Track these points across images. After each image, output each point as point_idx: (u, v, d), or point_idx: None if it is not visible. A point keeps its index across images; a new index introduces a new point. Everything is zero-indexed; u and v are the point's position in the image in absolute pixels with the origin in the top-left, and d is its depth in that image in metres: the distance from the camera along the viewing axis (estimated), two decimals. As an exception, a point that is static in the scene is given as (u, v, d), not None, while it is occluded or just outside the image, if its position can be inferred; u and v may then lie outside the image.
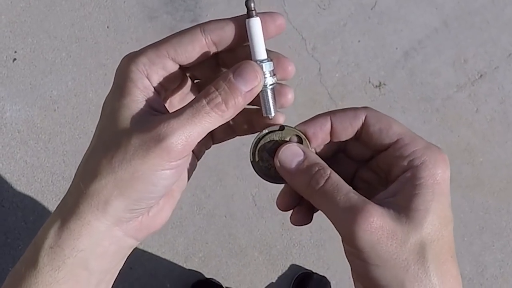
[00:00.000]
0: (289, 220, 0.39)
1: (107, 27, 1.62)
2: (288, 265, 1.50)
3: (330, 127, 0.37)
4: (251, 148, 0.38)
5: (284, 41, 1.60)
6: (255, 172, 0.39)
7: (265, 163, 0.38)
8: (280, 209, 0.39)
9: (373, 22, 1.63)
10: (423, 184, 0.33)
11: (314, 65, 1.59)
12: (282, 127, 0.37)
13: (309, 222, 0.39)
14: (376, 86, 1.59)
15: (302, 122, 0.37)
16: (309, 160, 0.36)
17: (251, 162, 0.38)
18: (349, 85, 1.59)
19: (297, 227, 1.50)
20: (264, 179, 0.39)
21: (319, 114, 0.37)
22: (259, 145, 0.38)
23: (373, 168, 0.38)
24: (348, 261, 0.36)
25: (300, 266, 1.50)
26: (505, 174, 1.55)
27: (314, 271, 1.49)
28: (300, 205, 0.39)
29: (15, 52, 1.60)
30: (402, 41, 1.62)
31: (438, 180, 0.33)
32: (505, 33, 1.63)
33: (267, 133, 0.37)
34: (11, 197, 1.51)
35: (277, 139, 0.37)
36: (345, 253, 0.36)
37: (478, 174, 1.55)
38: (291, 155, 0.36)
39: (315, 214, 0.39)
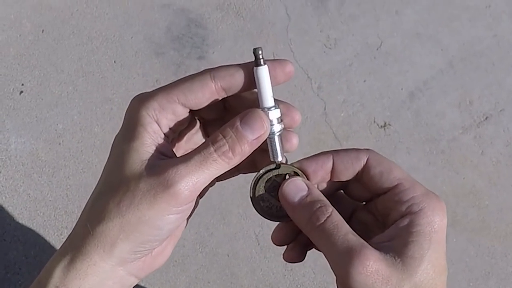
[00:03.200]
0: (282, 257, 0.39)
1: (114, 62, 1.63)
2: (291, 307, 1.48)
3: (331, 166, 0.37)
4: (250, 188, 0.38)
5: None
6: (257, 213, 0.39)
7: (266, 202, 0.39)
8: (274, 243, 0.40)
9: (379, 62, 1.64)
10: (420, 231, 0.33)
11: (320, 104, 1.60)
12: (278, 165, 0.38)
13: (302, 260, 0.39)
14: (381, 127, 1.59)
15: (304, 158, 0.38)
16: (312, 196, 0.36)
17: (252, 202, 0.39)
18: (354, 125, 1.59)
19: (300, 268, 1.49)
20: (267, 218, 0.39)
21: (322, 152, 0.38)
22: (258, 184, 0.38)
23: (372, 210, 0.39)
24: None
25: (303, 308, 1.48)
26: (511, 218, 1.53)
27: (317, 313, 1.47)
28: (294, 241, 0.39)
29: (22, 84, 1.62)
30: (407, 81, 1.63)
31: (435, 228, 0.34)
32: (511, 75, 1.64)
33: (264, 173, 0.38)
34: (13, 231, 1.50)
35: (274, 177, 0.38)
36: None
37: (483, 218, 1.53)
38: (295, 189, 0.36)
39: (318, 256, 0.39)
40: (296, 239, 0.40)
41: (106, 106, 1.59)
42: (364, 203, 0.40)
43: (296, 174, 0.37)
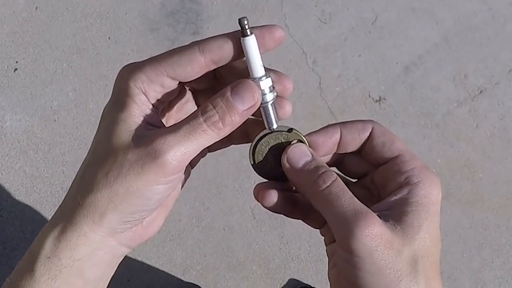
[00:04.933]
0: (255, 196, 0.38)
1: (109, 38, 1.62)
2: (287, 279, 1.49)
3: (339, 137, 0.38)
4: (253, 141, 0.38)
5: (284, 54, 1.60)
6: (250, 165, 0.39)
7: (264, 158, 0.39)
8: (255, 196, 0.39)
9: (374, 36, 1.64)
10: (418, 202, 0.34)
11: (315, 79, 1.60)
12: (290, 130, 0.38)
13: (274, 210, 0.39)
14: (376, 101, 1.59)
15: (313, 131, 0.38)
16: (317, 162, 0.36)
17: (250, 153, 0.39)
18: (349, 99, 1.59)
19: (296, 241, 1.50)
20: (257, 172, 0.39)
21: (329, 125, 0.38)
22: (263, 140, 0.38)
23: (366, 185, 0.39)
24: (331, 268, 0.37)
25: (299, 281, 1.49)
26: (505, 190, 1.54)
27: (312, 285, 1.49)
28: (280, 194, 0.39)
29: (17, 62, 1.61)
30: (402, 56, 1.63)
31: (432, 200, 0.34)
32: (506, 49, 1.64)
33: (273, 132, 0.38)
34: (10, 207, 1.51)
35: (283, 140, 0.38)
36: (330, 260, 0.37)
37: (477, 190, 1.54)
38: (300, 153, 0.37)
39: (313, 229, 0.39)
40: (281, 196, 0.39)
41: (100, 82, 1.59)
42: (355, 180, 0.41)
43: (302, 143, 0.38)
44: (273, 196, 0.38)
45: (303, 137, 0.38)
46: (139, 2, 1.65)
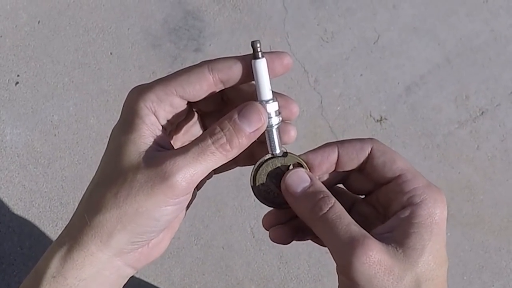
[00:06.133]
0: (268, 236, 0.40)
1: (111, 53, 1.63)
2: (285, 299, 1.48)
3: (336, 157, 0.37)
4: (252, 172, 0.38)
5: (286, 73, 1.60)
6: (254, 195, 0.39)
7: (265, 187, 0.39)
8: (264, 227, 0.40)
9: (376, 56, 1.64)
10: (421, 223, 0.33)
11: (316, 98, 1.60)
12: (285, 154, 0.38)
13: (287, 243, 0.40)
14: (378, 121, 1.59)
15: (310, 151, 0.38)
16: (315, 187, 0.36)
17: (251, 185, 0.39)
18: (350, 118, 1.59)
19: (295, 260, 1.49)
20: (263, 202, 0.39)
21: (327, 144, 0.38)
22: (261, 169, 0.38)
23: (372, 202, 0.39)
24: None
25: (297, 301, 1.48)
26: (506, 212, 1.54)
27: (311, 306, 1.48)
28: (284, 224, 0.40)
29: (18, 75, 1.61)
30: (404, 76, 1.63)
31: (436, 220, 0.34)
32: (507, 70, 1.64)
33: (269, 158, 0.38)
34: (8, 222, 1.50)
35: (279, 165, 0.38)
36: (339, 285, 0.36)
37: (478, 212, 1.54)
38: (298, 180, 0.36)
39: (313, 249, 0.40)
40: (286, 224, 0.40)
41: (102, 97, 1.58)
42: (363, 196, 0.40)
43: (300, 165, 0.38)
44: (284, 236, 0.39)
45: (300, 159, 0.38)
46: (142, 18, 1.66)
